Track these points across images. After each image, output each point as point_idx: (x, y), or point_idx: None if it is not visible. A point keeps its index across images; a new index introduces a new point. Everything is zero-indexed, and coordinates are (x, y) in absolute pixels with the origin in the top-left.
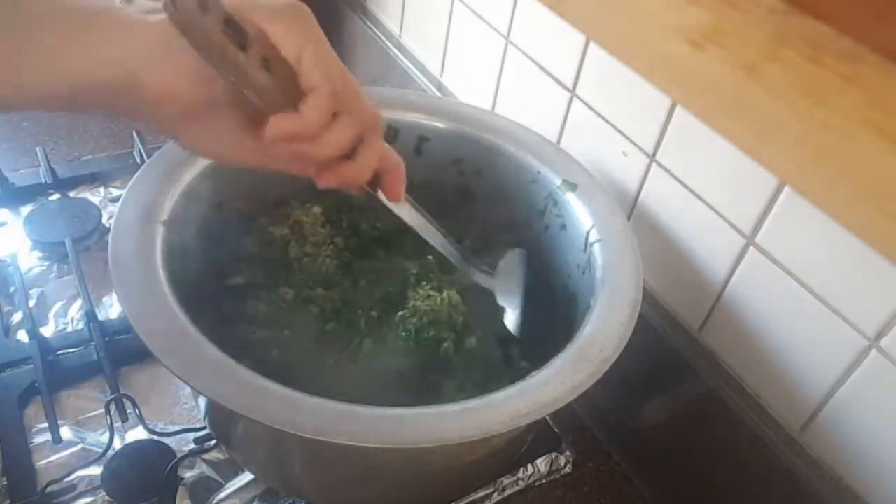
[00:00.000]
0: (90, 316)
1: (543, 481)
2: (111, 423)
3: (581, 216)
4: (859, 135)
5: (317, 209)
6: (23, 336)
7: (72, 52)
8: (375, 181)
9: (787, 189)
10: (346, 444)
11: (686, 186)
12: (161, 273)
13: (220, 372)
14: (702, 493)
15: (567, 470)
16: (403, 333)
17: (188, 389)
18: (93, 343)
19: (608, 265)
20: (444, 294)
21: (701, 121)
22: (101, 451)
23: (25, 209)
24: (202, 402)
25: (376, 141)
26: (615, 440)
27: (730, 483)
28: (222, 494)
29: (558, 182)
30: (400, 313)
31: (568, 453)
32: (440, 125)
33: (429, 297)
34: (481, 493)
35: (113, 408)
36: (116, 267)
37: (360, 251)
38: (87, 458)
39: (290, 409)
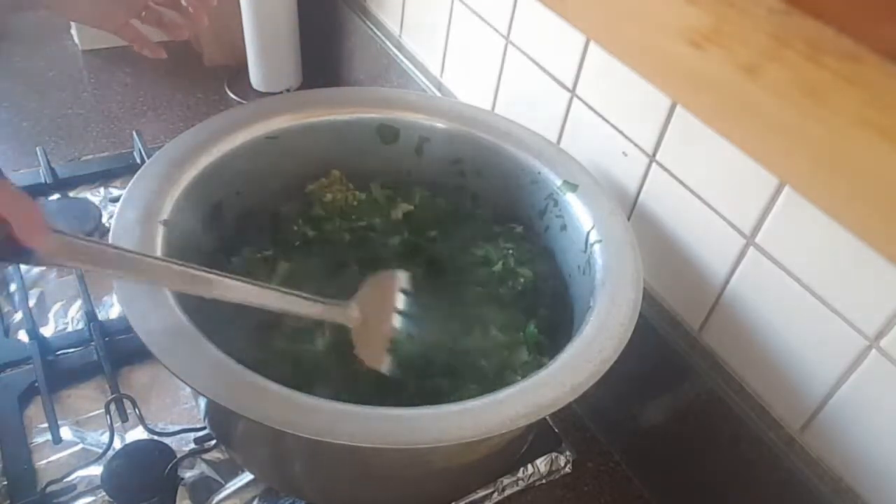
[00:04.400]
0: (90, 316)
1: (543, 481)
2: (111, 423)
3: (581, 217)
4: (859, 135)
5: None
6: (23, 336)
7: None
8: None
9: (787, 189)
10: (346, 444)
11: (686, 186)
12: None
13: (220, 372)
14: (702, 493)
15: (567, 470)
16: None
17: (188, 389)
18: (93, 343)
19: (608, 266)
20: None
21: (701, 121)
22: (101, 451)
23: None
24: (202, 402)
25: None
26: (615, 440)
27: (730, 483)
28: (222, 494)
29: (559, 182)
30: None
31: (568, 453)
32: (440, 125)
33: None
34: (481, 493)
35: (113, 408)
36: None
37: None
38: (87, 458)
39: (290, 409)
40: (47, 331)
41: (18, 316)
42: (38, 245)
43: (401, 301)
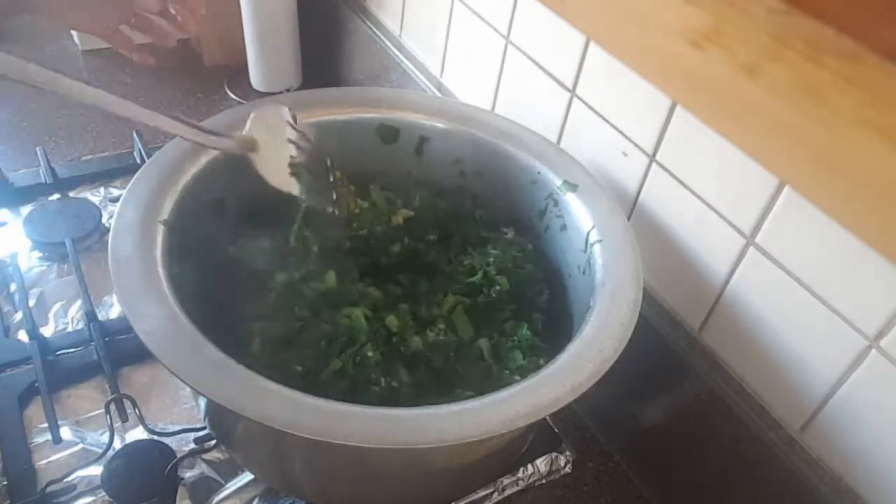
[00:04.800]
0: (90, 316)
1: (543, 481)
2: (111, 423)
3: (581, 217)
4: (859, 135)
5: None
6: (23, 336)
7: None
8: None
9: (787, 189)
10: (345, 444)
11: (686, 186)
12: (161, 273)
13: (220, 372)
14: (702, 493)
15: (567, 470)
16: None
17: (188, 389)
18: (93, 343)
19: (608, 266)
20: None
21: (701, 121)
22: (101, 451)
23: (25, 209)
24: (202, 402)
25: None
26: (615, 440)
27: (730, 483)
28: (222, 494)
29: (559, 182)
30: None
31: (568, 453)
32: (440, 125)
33: None
34: (481, 493)
35: (113, 408)
36: (116, 267)
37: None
38: (87, 458)
39: (290, 409)
40: (47, 331)
41: (18, 316)
42: None
43: (290, 131)
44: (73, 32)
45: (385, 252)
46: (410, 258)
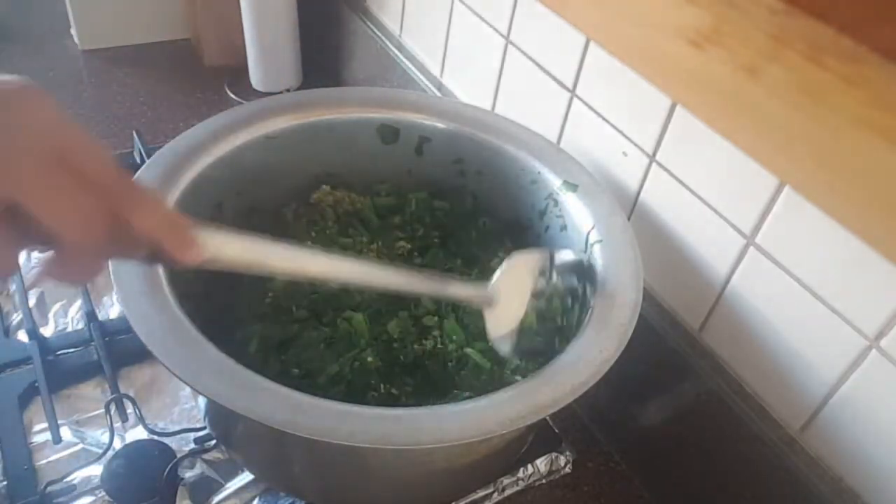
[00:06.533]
0: (90, 316)
1: (543, 481)
2: (111, 423)
3: (582, 217)
4: (859, 135)
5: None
6: (23, 336)
7: None
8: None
9: (787, 189)
10: (345, 444)
11: (686, 186)
12: (161, 273)
13: (220, 372)
14: (702, 493)
15: (567, 470)
16: None
17: (188, 389)
18: (93, 343)
19: (609, 266)
20: None
21: (701, 121)
22: (101, 451)
23: None
24: (202, 402)
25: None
26: (615, 440)
27: (730, 483)
28: (222, 494)
29: (559, 183)
30: None
31: (568, 453)
32: (440, 125)
33: None
34: (481, 493)
35: (113, 408)
36: (116, 267)
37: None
38: (87, 458)
39: (290, 409)
40: (47, 331)
41: (18, 316)
42: (191, 262)
43: (541, 282)
44: (73, 32)
45: (388, 256)
46: (409, 259)
